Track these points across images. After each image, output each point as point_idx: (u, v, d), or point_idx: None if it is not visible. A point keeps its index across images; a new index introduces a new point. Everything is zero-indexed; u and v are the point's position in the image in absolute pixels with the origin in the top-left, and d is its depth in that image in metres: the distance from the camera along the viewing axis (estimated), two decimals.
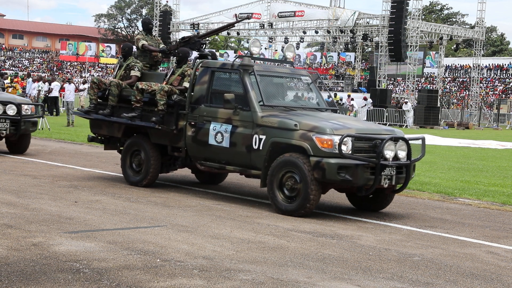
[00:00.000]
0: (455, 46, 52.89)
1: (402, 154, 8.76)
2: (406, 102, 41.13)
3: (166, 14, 55.09)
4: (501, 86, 65.79)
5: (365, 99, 41.41)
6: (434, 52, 64.30)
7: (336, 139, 8.32)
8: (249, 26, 53.28)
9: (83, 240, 6.54)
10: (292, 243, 7.01)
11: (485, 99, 60.01)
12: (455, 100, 60.98)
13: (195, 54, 11.06)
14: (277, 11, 51.24)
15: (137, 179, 10.44)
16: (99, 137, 11.44)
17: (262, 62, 11.80)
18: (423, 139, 9.27)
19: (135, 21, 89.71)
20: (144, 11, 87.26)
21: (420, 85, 60.24)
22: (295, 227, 7.96)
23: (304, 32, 52.18)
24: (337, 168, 8.29)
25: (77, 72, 74.79)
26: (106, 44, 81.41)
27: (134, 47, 11.49)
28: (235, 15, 51.80)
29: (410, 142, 8.91)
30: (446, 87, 66.43)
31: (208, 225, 7.72)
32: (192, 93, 9.88)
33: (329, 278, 5.74)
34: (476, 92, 52.94)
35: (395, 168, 8.65)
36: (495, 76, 68.36)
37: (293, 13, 50.68)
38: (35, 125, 14.12)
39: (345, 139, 8.27)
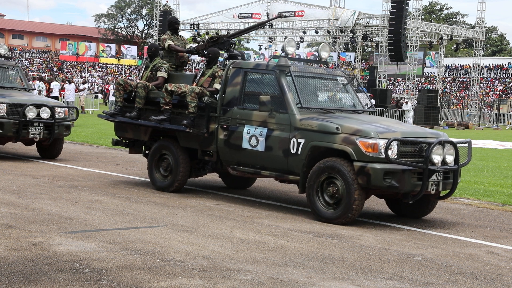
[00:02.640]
0: (455, 46, 52.87)
1: (449, 158, 8.36)
2: (406, 102, 41.14)
3: (166, 14, 55.00)
4: (501, 86, 65.77)
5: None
6: (434, 52, 64.28)
7: (382, 143, 7.98)
8: (249, 26, 53.23)
9: (83, 240, 6.54)
10: (292, 243, 7.01)
11: (485, 99, 60.00)
12: (455, 100, 60.96)
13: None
14: (277, 11, 51.18)
15: (165, 184, 10.07)
16: (124, 141, 11.09)
17: (296, 62, 11.23)
18: (469, 143, 8.76)
19: (135, 21, 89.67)
20: (144, 11, 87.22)
21: (420, 85, 60.24)
22: (295, 227, 7.96)
23: (304, 32, 52.20)
24: (383, 174, 7.92)
25: (77, 72, 74.77)
26: (106, 44, 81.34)
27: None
28: (235, 15, 51.82)
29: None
30: (446, 87, 66.42)
31: (208, 225, 7.72)
32: (224, 95, 9.52)
33: (329, 278, 5.74)
34: (476, 92, 52.95)
35: (442, 173, 8.27)
36: (495, 76, 68.34)
37: (293, 13, 50.68)
38: (69, 129, 13.57)
39: (391, 143, 7.93)
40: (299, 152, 8.57)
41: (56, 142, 13.54)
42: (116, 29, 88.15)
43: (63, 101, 27.49)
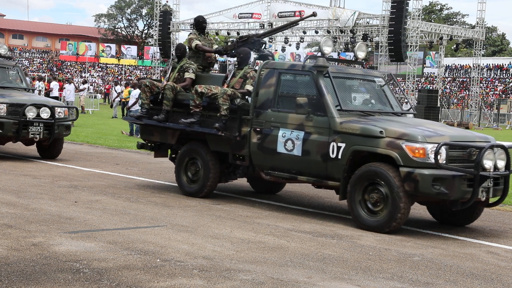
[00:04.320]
0: (455, 46, 52.89)
1: (501, 163, 7.96)
2: (406, 102, 41.12)
3: (166, 14, 55.06)
4: (501, 86, 65.78)
5: None
6: (434, 52, 64.28)
7: (430, 147, 7.61)
8: (249, 26, 53.24)
9: (83, 240, 6.54)
10: (292, 243, 7.01)
11: (485, 99, 60.01)
12: (455, 100, 60.98)
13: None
14: (277, 11, 51.20)
15: (194, 190, 9.72)
16: (149, 144, 10.75)
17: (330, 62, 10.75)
18: None
19: (135, 21, 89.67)
20: (144, 11, 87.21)
21: (420, 85, 60.24)
22: (295, 227, 7.95)
23: (304, 32, 52.19)
24: (432, 180, 7.52)
25: (77, 72, 74.76)
26: (106, 44, 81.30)
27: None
28: (235, 15, 51.80)
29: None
30: (446, 87, 66.43)
31: (208, 225, 7.72)
32: (257, 97, 9.14)
33: (329, 278, 5.74)
34: (476, 92, 52.94)
35: (492, 179, 7.86)
36: (495, 76, 68.35)
37: (293, 13, 50.64)
38: (69, 129, 13.51)
39: (441, 148, 7.56)
40: (339, 157, 8.20)
41: (56, 142, 13.52)
42: (116, 29, 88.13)
43: (63, 101, 27.48)
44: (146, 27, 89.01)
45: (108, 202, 8.90)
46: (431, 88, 58.92)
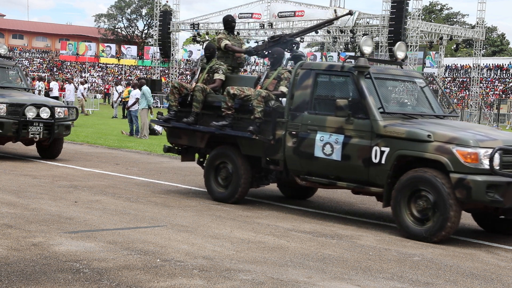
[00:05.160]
0: (455, 46, 52.92)
1: None
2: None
3: (166, 14, 55.09)
4: (501, 86, 65.76)
5: None
6: (434, 52, 64.28)
7: (482, 152, 7.25)
8: (249, 26, 53.27)
9: (83, 240, 6.54)
10: (292, 243, 7.01)
11: (485, 99, 60.01)
12: (455, 100, 60.97)
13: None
14: (277, 11, 51.22)
15: (224, 195, 9.38)
16: (176, 148, 10.38)
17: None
18: None
19: (135, 21, 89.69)
20: (144, 11, 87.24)
21: None
22: (295, 227, 7.95)
23: None
24: (485, 187, 7.15)
25: (77, 72, 74.76)
26: (106, 44, 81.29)
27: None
28: (235, 15, 51.71)
29: None
30: (446, 87, 66.44)
31: (208, 225, 7.72)
32: (292, 99, 8.78)
33: (329, 278, 5.74)
34: (476, 92, 52.97)
35: None
36: (495, 76, 68.33)
37: (293, 13, 50.65)
38: (69, 129, 13.45)
39: (496, 153, 7.22)
40: (382, 162, 7.83)
41: (56, 142, 13.49)
42: (116, 29, 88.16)
43: (63, 101, 27.49)
44: (146, 27, 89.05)
45: (108, 202, 8.91)
46: (431, 88, 58.87)
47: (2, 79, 13.99)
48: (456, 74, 70.95)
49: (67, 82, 31.40)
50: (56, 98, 30.51)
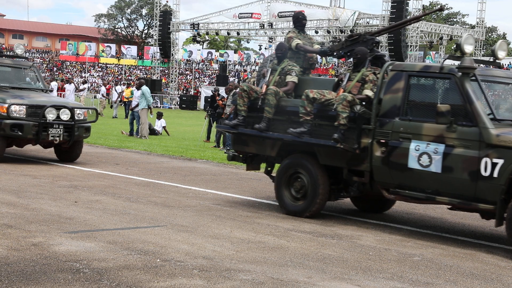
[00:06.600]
0: (455, 46, 52.92)
1: None
2: None
3: (166, 14, 55.13)
4: None
5: None
6: (434, 52, 64.32)
7: None
8: (249, 26, 53.32)
9: (83, 240, 6.54)
10: (292, 243, 7.01)
11: None
12: None
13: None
14: (277, 11, 51.26)
15: (299, 208, 8.62)
16: (241, 156, 9.67)
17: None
18: None
19: (135, 21, 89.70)
20: (144, 11, 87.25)
21: None
22: (295, 227, 7.95)
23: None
24: None
25: (77, 72, 74.76)
26: (106, 44, 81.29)
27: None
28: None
29: None
30: None
31: (208, 225, 7.72)
32: (380, 104, 8.02)
33: (329, 278, 5.74)
34: None
35: None
36: None
37: (293, 13, 50.69)
38: (88, 131, 13.07)
39: None
40: (494, 175, 6.98)
41: (76, 144, 13.10)
42: (116, 29, 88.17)
43: None
44: (146, 27, 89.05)
45: (108, 202, 8.91)
46: None
47: (19, 80, 13.70)
48: None
49: (67, 82, 31.38)
50: None
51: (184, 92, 61.52)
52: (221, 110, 18.80)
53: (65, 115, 12.60)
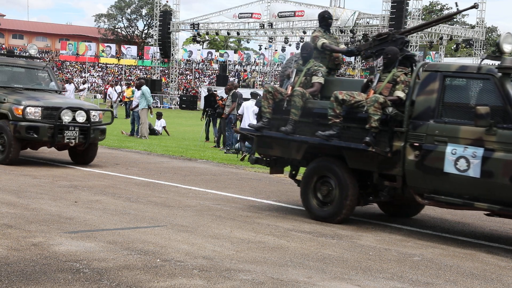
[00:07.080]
0: (455, 46, 52.94)
1: None
2: None
3: (166, 14, 55.09)
4: None
5: None
6: (434, 52, 64.33)
7: None
8: (249, 26, 53.31)
9: (83, 240, 6.54)
10: (292, 243, 7.01)
11: None
12: None
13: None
14: (277, 11, 51.24)
15: (326, 213, 8.39)
16: (265, 159, 9.42)
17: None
18: None
19: (135, 21, 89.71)
20: (144, 11, 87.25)
21: None
22: (295, 227, 7.95)
23: (304, 32, 52.13)
24: None
25: (77, 72, 74.76)
26: (106, 44, 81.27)
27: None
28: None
29: None
30: None
31: (208, 225, 7.72)
32: (413, 106, 7.80)
33: (329, 278, 5.75)
34: None
35: None
36: None
37: (293, 13, 50.67)
38: (104, 133, 12.91)
39: None
40: None
41: (91, 147, 12.88)
42: (116, 29, 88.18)
43: None
44: (146, 27, 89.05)
45: (108, 202, 8.91)
46: None
47: (32, 81, 13.54)
48: None
49: (67, 82, 31.38)
50: None
51: (184, 92, 61.57)
52: (220, 110, 18.81)
53: (81, 117, 12.39)
